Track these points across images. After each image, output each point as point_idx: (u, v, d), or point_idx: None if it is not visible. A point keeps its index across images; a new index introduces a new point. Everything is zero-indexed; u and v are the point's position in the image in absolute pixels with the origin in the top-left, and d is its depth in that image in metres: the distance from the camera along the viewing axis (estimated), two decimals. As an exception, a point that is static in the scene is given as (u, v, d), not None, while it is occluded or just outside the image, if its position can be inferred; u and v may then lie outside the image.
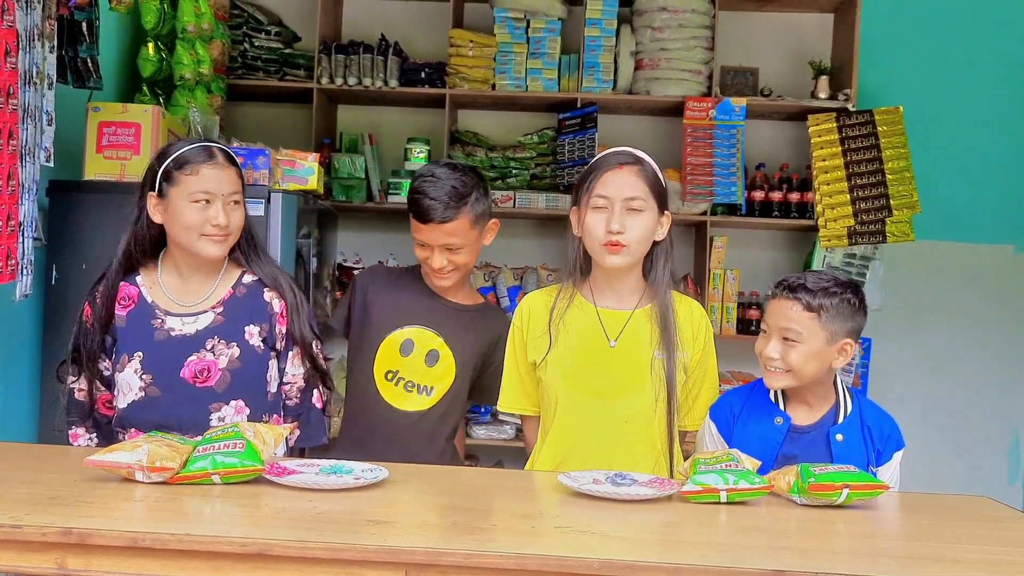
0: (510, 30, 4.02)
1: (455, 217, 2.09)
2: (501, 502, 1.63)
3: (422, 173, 2.15)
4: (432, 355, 2.19)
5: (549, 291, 2.05)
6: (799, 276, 1.85)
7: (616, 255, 1.90)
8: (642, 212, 1.89)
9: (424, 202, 2.09)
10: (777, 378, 1.83)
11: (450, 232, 2.09)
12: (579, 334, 1.96)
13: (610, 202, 1.89)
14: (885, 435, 1.86)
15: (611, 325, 1.96)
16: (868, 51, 3.97)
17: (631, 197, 1.89)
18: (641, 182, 1.91)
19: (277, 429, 1.71)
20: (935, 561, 1.35)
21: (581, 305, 1.98)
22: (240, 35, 4.02)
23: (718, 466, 1.61)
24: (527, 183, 4.13)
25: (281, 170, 2.95)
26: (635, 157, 1.94)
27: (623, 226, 1.87)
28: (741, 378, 3.94)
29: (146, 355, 1.93)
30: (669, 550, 1.35)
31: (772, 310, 1.86)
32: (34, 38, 2.33)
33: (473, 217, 2.11)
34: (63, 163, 2.72)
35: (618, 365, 1.93)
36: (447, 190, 2.08)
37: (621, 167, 1.92)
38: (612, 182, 1.90)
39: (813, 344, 1.79)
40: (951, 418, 4.20)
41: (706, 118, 3.94)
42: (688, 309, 2.01)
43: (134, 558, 1.31)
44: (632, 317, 1.96)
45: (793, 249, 4.26)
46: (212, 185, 1.90)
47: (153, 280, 2.00)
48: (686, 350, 1.96)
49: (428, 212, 2.08)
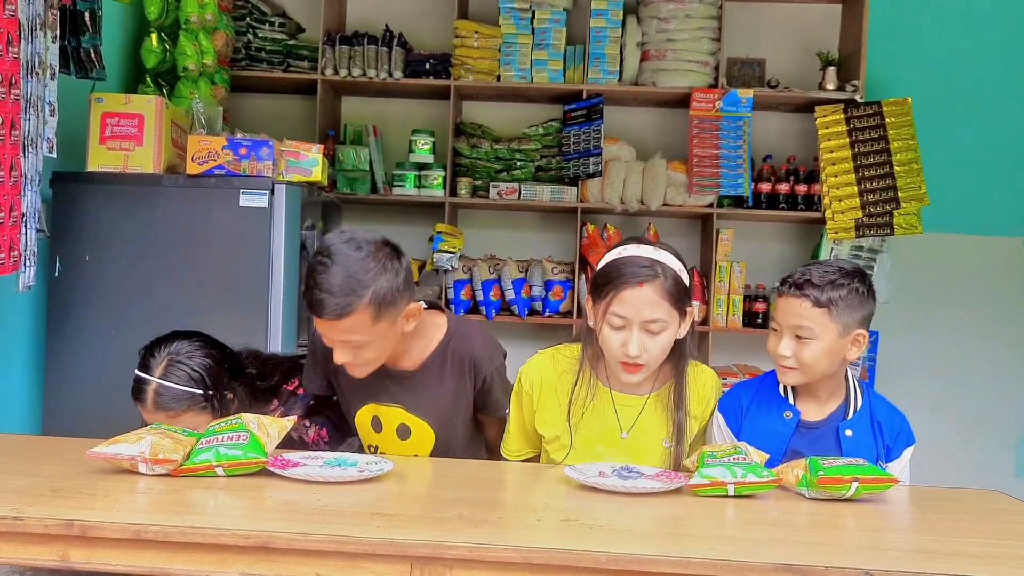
0: (515, 21, 4.00)
1: (350, 313, 1.70)
2: (507, 495, 1.62)
3: (319, 250, 1.76)
4: (402, 429, 1.95)
5: (558, 363, 1.91)
6: (803, 271, 1.81)
7: (634, 374, 1.79)
8: (663, 331, 1.77)
9: (313, 294, 1.71)
10: (792, 375, 1.81)
11: (347, 329, 1.73)
12: (593, 424, 1.88)
13: (628, 322, 1.75)
14: (895, 431, 1.84)
15: (625, 414, 1.88)
16: (876, 42, 3.94)
17: (651, 320, 1.75)
18: (662, 300, 1.75)
19: (281, 422, 1.70)
20: (945, 555, 1.33)
21: (596, 389, 1.88)
22: (244, 26, 4.01)
23: (726, 459, 1.60)
24: (532, 175, 4.12)
25: (285, 161, 2.94)
26: (654, 267, 1.76)
27: (642, 348, 1.75)
28: (747, 371, 3.92)
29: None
30: (676, 544, 1.33)
31: (781, 308, 1.82)
32: (36, 28, 2.32)
33: (375, 311, 1.72)
34: (66, 154, 2.71)
35: (627, 453, 1.86)
36: (340, 280, 1.69)
37: (641, 285, 1.74)
38: (631, 301, 1.74)
39: (826, 339, 1.77)
40: (959, 411, 4.18)
41: (713, 109, 3.92)
42: (700, 383, 1.91)
43: (137, 550, 1.30)
44: (646, 404, 1.88)
45: (800, 242, 4.24)
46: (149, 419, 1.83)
47: None
48: (693, 431, 1.89)
49: (317, 307, 1.72)
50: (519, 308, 3.98)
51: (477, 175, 4.09)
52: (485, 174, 4.09)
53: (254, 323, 2.80)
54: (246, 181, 2.79)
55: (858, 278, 1.80)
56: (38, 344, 2.85)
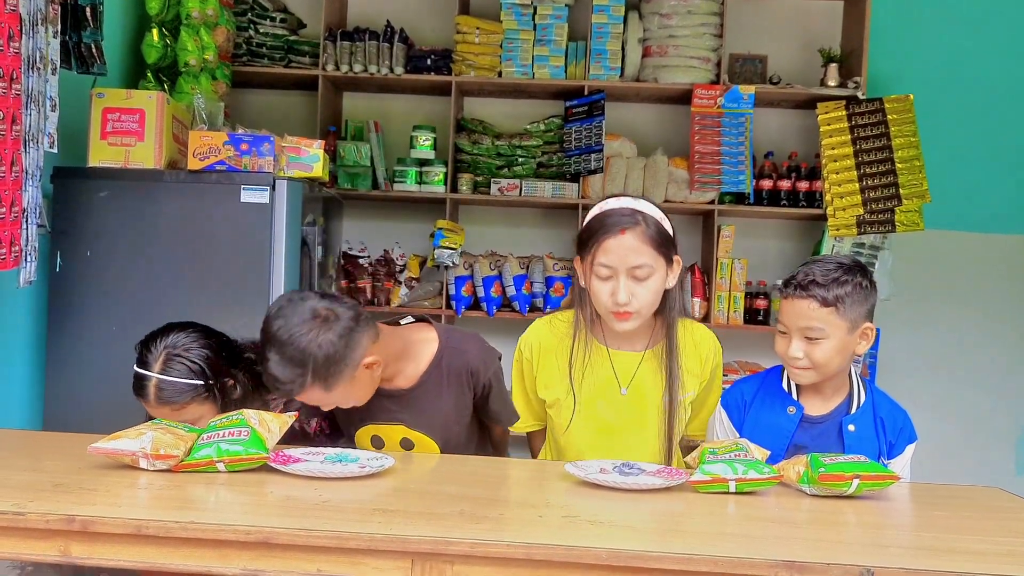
0: (517, 17, 4.00)
1: (300, 393, 1.73)
2: (508, 491, 1.62)
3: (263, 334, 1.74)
4: (405, 443, 1.94)
5: (555, 328, 1.96)
6: (806, 271, 1.80)
7: (626, 321, 1.83)
8: (651, 277, 1.81)
9: (271, 383, 1.73)
10: (806, 375, 1.81)
11: (311, 399, 1.76)
12: (593, 382, 1.92)
13: (614, 271, 1.80)
14: (898, 427, 1.85)
15: (623, 370, 1.92)
16: (878, 38, 3.94)
17: (636, 265, 1.79)
18: (645, 245, 1.80)
19: (282, 417, 1.70)
20: (946, 552, 1.33)
21: (594, 348, 1.93)
22: (245, 21, 4.00)
23: (727, 456, 1.60)
24: (533, 171, 4.11)
25: (286, 157, 2.94)
26: (635, 215, 1.81)
27: (630, 295, 1.80)
28: (748, 368, 3.92)
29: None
30: (678, 540, 1.33)
31: (787, 311, 1.82)
32: (37, 23, 2.31)
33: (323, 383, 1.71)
34: (67, 149, 2.71)
35: (627, 410, 1.91)
36: (279, 371, 1.70)
37: (623, 232, 1.79)
38: (614, 249, 1.79)
39: (837, 337, 1.77)
40: (959, 408, 4.18)
41: (714, 106, 3.92)
42: (695, 337, 1.95)
43: (138, 546, 1.30)
44: (643, 359, 1.92)
45: (801, 238, 4.24)
46: (154, 413, 1.83)
47: None
48: (693, 387, 1.93)
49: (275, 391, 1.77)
50: (520, 304, 3.97)
51: (478, 171, 4.09)
52: (486, 170, 4.09)
53: (255, 319, 2.74)
54: (247, 177, 2.78)
55: (860, 272, 1.80)
56: (39, 340, 2.84)
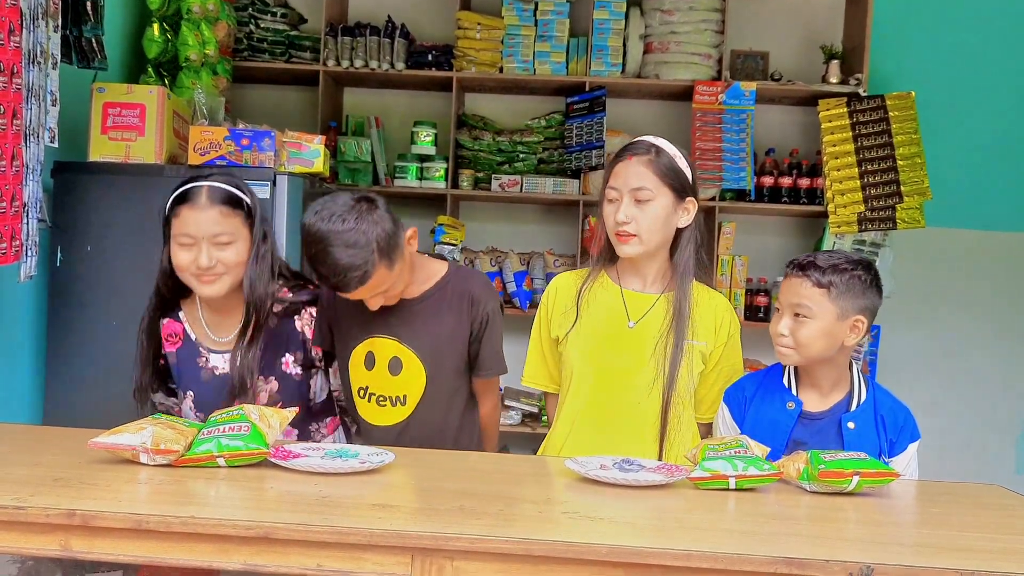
0: (518, 12, 3.99)
1: (369, 278, 1.82)
2: (508, 487, 1.62)
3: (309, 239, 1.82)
4: (394, 363, 2.00)
5: (579, 273, 2.08)
6: (811, 254, 1.86)
7: (627, 244, 1.92)
8: (650, 201, 1.90)
9: (331, 280, 1.83)
10: (789, 355, 1.83)
11: (373, 288, 1.86)
12: (602, 313, 1.98)
13: (619, 193, 1.92)
14: (899, 425, 1.84)
15: (634, 307, 1.98)
16: (880, 35, 3.93)
17: (637, 187, 1.90)
18: (649, 171, 1.90)
19: (283, 413, 1.70)
20: (945, 549, 1.33)
21: (607, 286, 2.01)
22: (246, 16, 4.00)
23: (727, 452, 1.60)
24: (534, 167, 4.11)
25: (287, 152, 2.94)
26: (648, 146, 1.94)
27: (629, 216, 1.89)
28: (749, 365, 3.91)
29: (196, 394, 1.99)
30: (677, 536, 1.33)
31: (784, 288, 1.87)
32: (38, 17, 2.31)
33: (387, 262, 1.84)
34: (67, 144, 2.71)
35: (632, 346, 1.95)
36: (346, 258, 1.79)
37: (631, 157, 1.93)
38: (621, 173, 1.93)
39: (823, 320, 1.79)
40: (960, 406, 4.18)
41: (715, 102, 3.91)
42: (713, 302, 2.01)
43: (138, 540, 1.30)
44: (657, 302, 1.97)
45: (802, 235, 4.23)
46: (192, 228, 1.85)
47: (195, 316, 2.00)
48: (705, 339, 1.96)
49: (340, 288, 1.84)
50: (521, 301, 3.98)
51: (479, 167, 4.09)
52: (487, 166, 4.09)
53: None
54: (248, 172, 2.78)
55: (863, 267, 1.82)
56: (39, 334, 2.85)
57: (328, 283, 1.85)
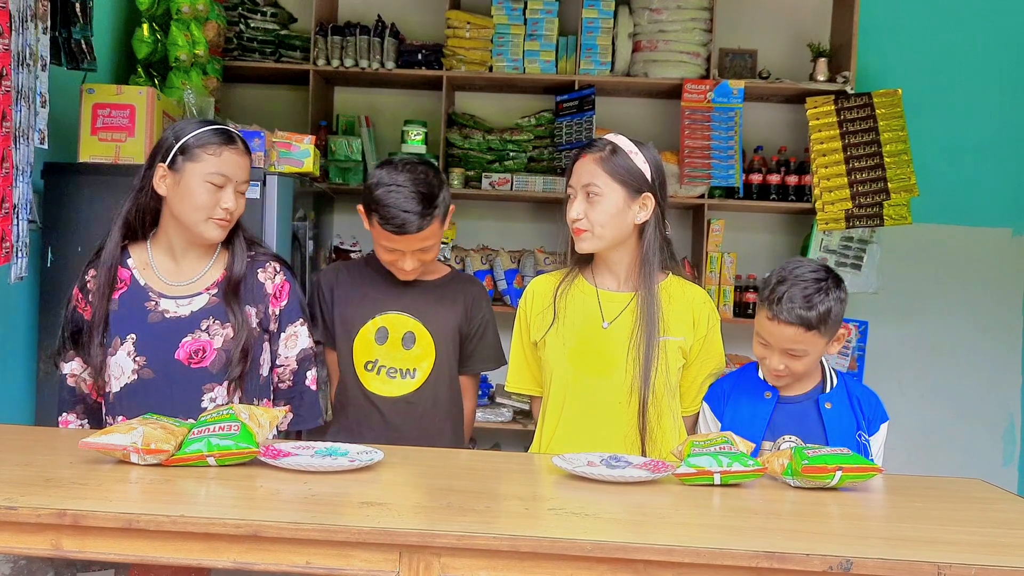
0: (507, 11, 4.00)
1: (430, 224, 2.06)
2: (496, 484, 1.64)
3: (383, 181, 2.06)
4: (408, 337, 2.16)
5: (555, 275, 2.10)
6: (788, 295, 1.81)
7: (581, 240, 1.96)
8: (600, 196, 1.93)
9: (399, 217, 2.02)
10: (782, 382, 1.92)
11: (425, 237, 2.07)
12: (578, 314, 2.00)
13: (574, 190, 1.97)
14: (872, 406, 1.94)
15: (609, 307, 1.99)
16: (867, 33, 3.96)
17: (587, 184, 1.94)
18: (599, 168, 1.93)
19: (272, 412, 1.71)
20: (926, 543, 1.35)
21: (583, 287, 2.03)
22: (235, 16, 4.00)
23: (712, 448, 1.62)
24: (524, 166, 4.12)
25: (277, 152, 2.95)
26: (604, 144, 1.97)
27: (579, 212, 1.94)
28: (738, 361, 3.94)
29: (139, 337, 1.92)
30: (662, 532, 1.35)
31: (771, 330, 1.85)
32: (27, 19, 2.31)
33: (443, 216, 2.11)
34: (57, 145, 2.71)
35: (608, 346, 1.97)
36: (418, 199, 2.03)
37: (586, 156, 1.97)
38: (577, 171, 1.98)
39: (818, 349, 1.87)
40: (947, 401, 4.21)
41: (704, 100, 3.93)
42: (689, 295, 2.02)
43: (129, 540, 1.31)
44: (630, 301, 1.98)
45: (790, 232, 4.26)
46: (230, 169, 1.90)
47: (145, 262, 1.98)
48: (682, 333, 1.98)
49: (405, 226, 2.03)
50: (511, 299, 3.99)
51: (469, 166, 4.10)
52: (477, 165, 4.10)
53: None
54: (238, 172, 2.79)
55: (835, 284, 1.85)
56: (30, 335, 2.85)
57: (392, 223, 2.01)
